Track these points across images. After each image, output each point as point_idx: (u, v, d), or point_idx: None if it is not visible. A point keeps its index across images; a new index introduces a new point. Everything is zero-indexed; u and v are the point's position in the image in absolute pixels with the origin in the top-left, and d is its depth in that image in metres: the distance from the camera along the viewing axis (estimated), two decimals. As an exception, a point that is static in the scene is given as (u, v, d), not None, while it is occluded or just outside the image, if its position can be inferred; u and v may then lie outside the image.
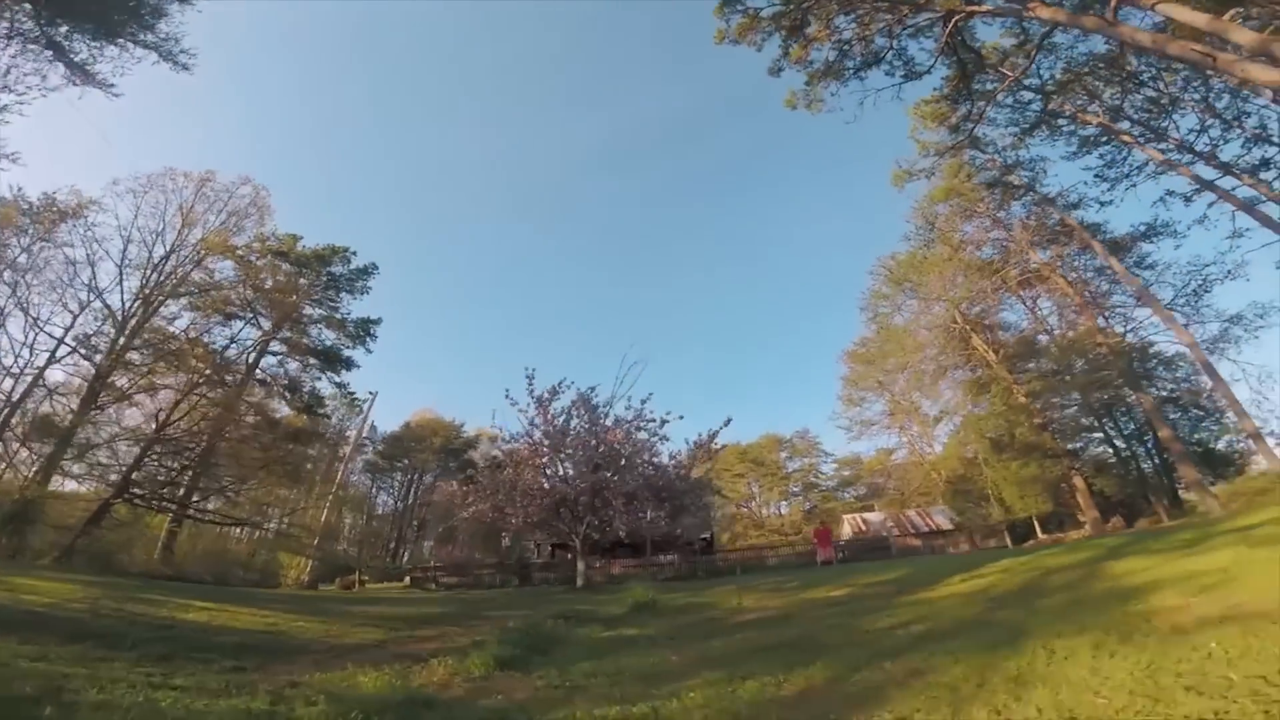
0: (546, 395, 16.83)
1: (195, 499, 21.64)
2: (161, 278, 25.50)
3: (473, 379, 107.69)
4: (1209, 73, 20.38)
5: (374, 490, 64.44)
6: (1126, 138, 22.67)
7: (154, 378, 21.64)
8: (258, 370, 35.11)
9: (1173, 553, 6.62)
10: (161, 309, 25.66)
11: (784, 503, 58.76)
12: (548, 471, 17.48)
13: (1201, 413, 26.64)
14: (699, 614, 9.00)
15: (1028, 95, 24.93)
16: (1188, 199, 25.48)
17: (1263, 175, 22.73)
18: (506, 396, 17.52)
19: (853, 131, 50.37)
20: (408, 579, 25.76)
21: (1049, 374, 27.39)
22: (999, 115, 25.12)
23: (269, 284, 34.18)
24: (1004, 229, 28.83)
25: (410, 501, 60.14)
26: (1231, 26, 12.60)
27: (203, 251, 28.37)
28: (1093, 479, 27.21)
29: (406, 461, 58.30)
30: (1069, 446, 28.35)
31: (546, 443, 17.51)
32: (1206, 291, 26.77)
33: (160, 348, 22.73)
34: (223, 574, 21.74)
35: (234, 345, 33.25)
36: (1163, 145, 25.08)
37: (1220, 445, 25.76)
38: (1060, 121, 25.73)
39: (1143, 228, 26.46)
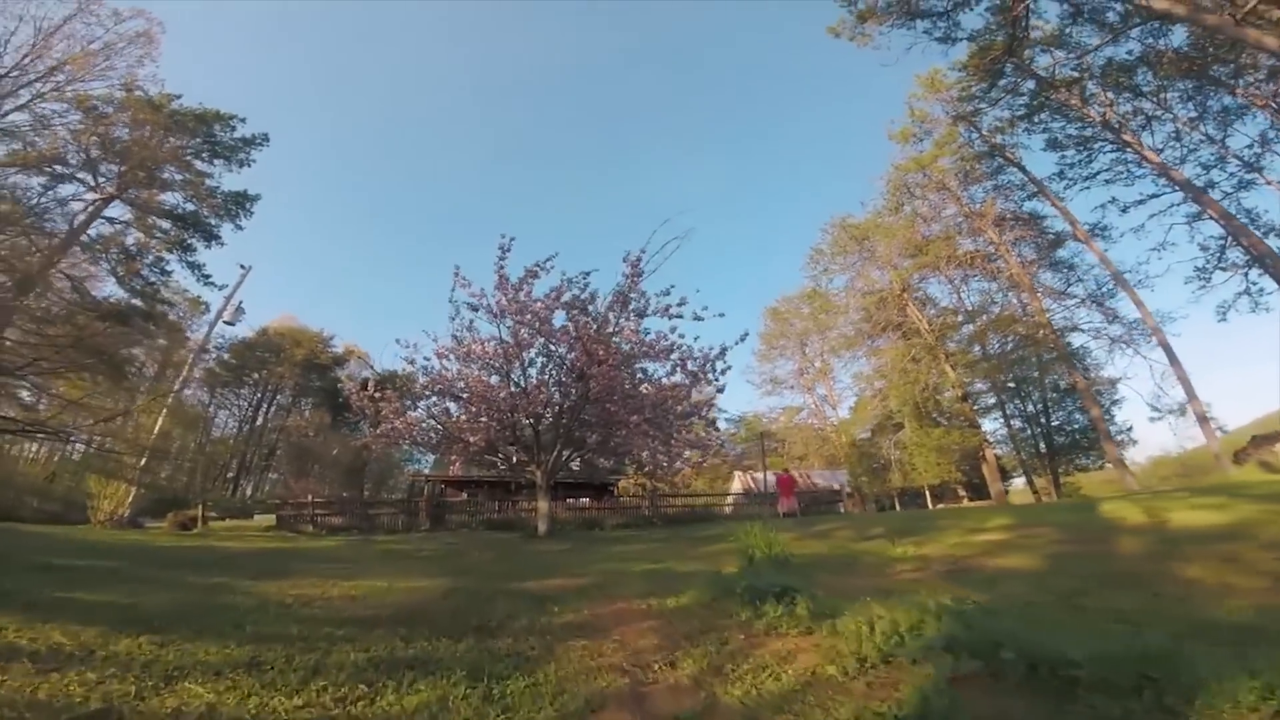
0: (525, 276, 11.96)
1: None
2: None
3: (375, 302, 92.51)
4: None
5: (212, 407, 53.02)
6: (1128, 137, 22.54)
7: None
8: (85, 234, 26.58)
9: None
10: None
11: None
12: (512, 376, 12.81)
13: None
14: (890, 567, 5.58)
15: (1027, 86, 25.20)
16: (1124, 209, 26.38)
17: (1210, 193, 23.64)
18: (456, 274, 12.46)
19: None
20: (274, 518, 19.46)
21: (987, 350, 27.71)
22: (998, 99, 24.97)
23: (124, 136, 26.06)
24: (962, 205, 28.23)
25: (258, 424, 49.93)
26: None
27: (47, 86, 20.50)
28: (999, 454, 28.14)
29: (258, 376, 47.94)
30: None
31: (510, 340, 12.75)
32: (1113, 295, 28.35)
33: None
34: (12, 505, 14.54)
35: (55, 204, 25.05)
36: (1127, 154, 25.66)
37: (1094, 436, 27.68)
38: (1042, 117, 25.63)
39: (1086, 227, 27.10)
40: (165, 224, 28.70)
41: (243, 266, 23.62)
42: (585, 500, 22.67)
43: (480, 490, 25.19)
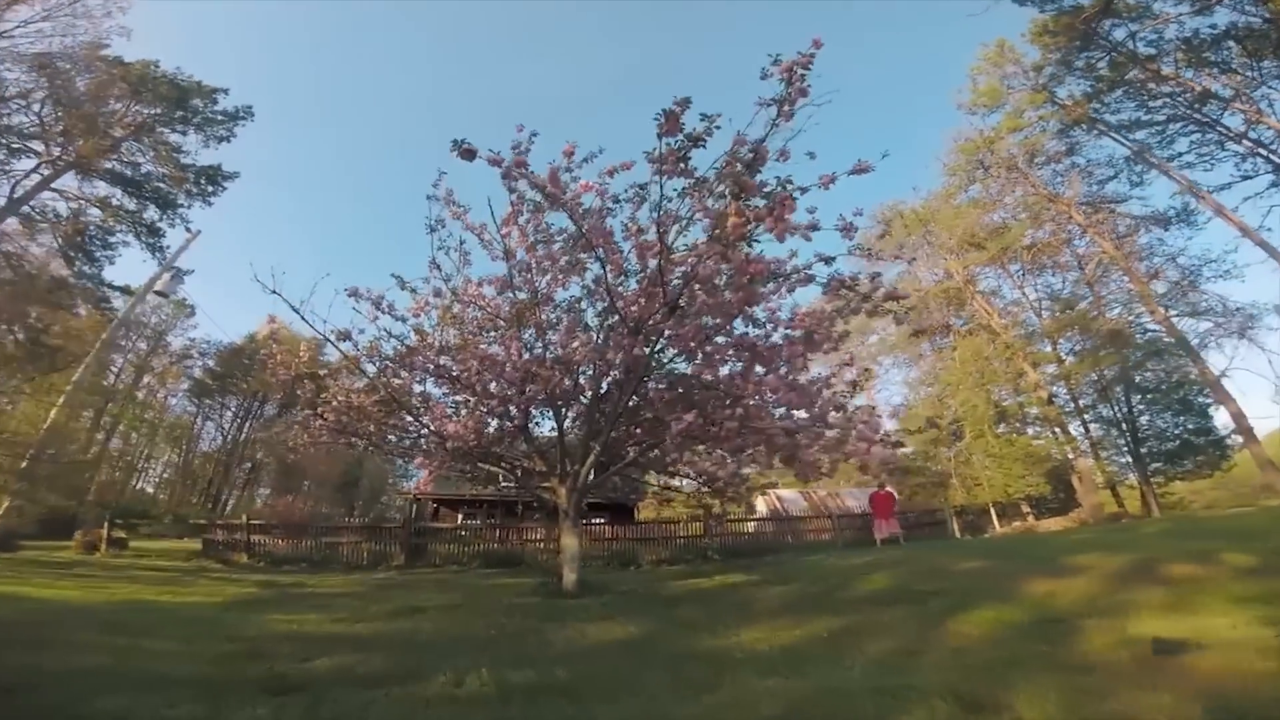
0: (562, 163, 6.65)
1: None
2: None
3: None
4: None
5: (200, 420, 47.76)
6: (1213, 115, 18.47)
7: None
8: (27, 205, 22.11)
9: None
10: None
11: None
12: (523, 336, 7.59)
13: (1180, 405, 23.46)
14: None
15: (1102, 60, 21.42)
16: (1201, 195, 22.30)
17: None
18: (463, 145, 7.15)
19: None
20: (200, 542, 14.00)
21: (1058, 348, 22.61)
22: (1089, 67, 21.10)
23: (81, 88, 21.18)
24: (1037, 187, 23.42)
25: (243, 436, 44.22)
26: None
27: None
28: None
29: (246, 385, 42.43)
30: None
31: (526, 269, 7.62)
32: (1194, 288, 23.63)
33: None
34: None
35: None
36: (1209, 135, 21.71)
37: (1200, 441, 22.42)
38: (1115, 95, 21.54)
39: (1172, 212, 22.52)
40: (130, 204, 23.97)
41: (189, 230, 18.57)
42: (603, 524, 16.85)
43: (477, 511, 19.70)
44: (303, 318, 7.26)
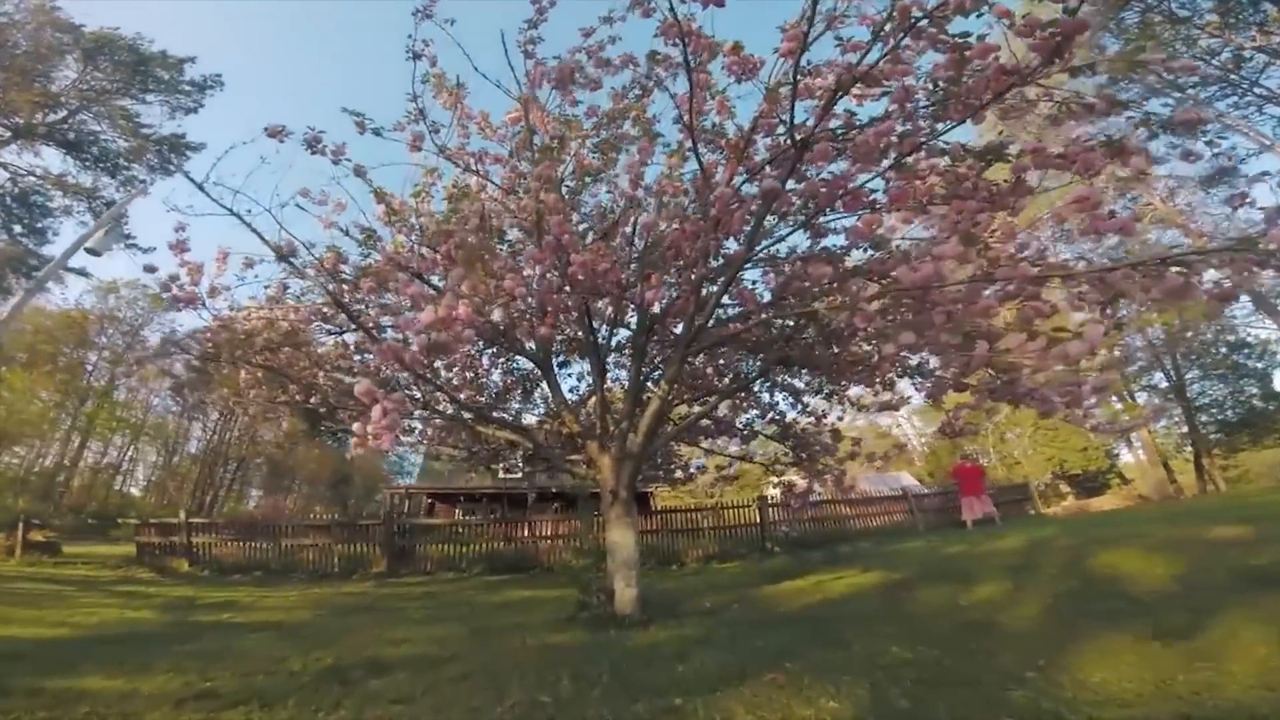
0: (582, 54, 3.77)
1: None
2: None
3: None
4: None
5: (184, 419, 44.67)
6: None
7: None
8: None
9: None
10: None
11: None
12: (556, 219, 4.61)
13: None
14: None
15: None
16: (1243, 159, 20.19)
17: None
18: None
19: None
20: (135, 546, 10.96)
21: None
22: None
23: (20, 49, 18.33)
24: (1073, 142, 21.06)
25: (228, 434, 40.73)
26: None
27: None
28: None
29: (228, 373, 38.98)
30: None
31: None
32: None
33: None
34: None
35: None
36: (1247, 96, 19.61)
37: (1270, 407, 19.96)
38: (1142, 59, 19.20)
39: (1213, 171, 20.25)
40: (86, 180, 20.79)
41: (130, 185, 15.41)
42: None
43: (476, 506, 16.71)
44: (207, 193, 4.30)
